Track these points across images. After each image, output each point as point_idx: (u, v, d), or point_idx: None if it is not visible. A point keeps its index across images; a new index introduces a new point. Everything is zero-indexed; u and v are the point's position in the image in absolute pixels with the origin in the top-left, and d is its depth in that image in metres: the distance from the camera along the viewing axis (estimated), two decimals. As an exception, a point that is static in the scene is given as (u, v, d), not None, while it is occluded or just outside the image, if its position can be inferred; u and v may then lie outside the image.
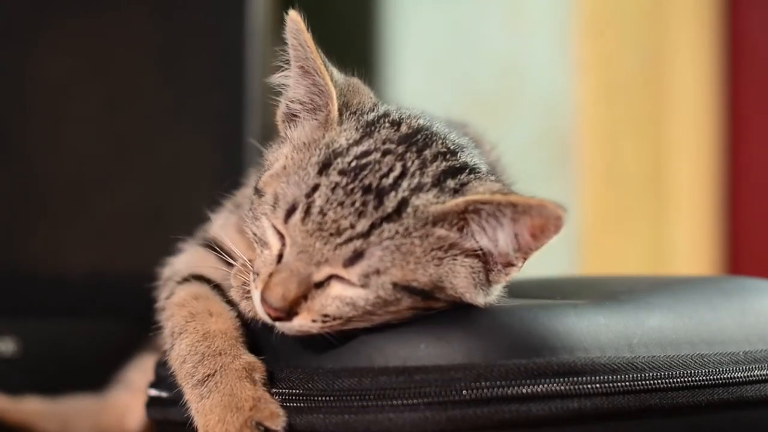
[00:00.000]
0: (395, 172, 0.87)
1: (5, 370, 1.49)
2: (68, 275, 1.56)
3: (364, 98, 0.95)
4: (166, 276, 1.02)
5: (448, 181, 0.88)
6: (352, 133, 0.90)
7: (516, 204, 0.85)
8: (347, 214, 0.84)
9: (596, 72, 2.26)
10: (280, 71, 0.95)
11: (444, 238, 0.86)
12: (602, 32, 2.27)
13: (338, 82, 0.93)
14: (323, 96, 0.92)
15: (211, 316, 0.93)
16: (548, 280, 1.18)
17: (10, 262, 1.56)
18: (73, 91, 1.58)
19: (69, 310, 1.53)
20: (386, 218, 0.85)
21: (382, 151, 0.88)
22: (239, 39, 1.61)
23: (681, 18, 2.37)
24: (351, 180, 0.86)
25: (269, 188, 0.89)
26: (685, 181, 2.38)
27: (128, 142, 1.60)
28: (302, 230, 0.85)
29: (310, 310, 0.85)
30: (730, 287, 1.04)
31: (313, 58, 0.91)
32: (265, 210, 0.89)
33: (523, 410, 0.84)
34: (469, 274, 0.87)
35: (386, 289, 0.85)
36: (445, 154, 0.90)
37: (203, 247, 1.02)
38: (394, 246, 0.85)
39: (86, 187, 1.57)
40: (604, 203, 2.28)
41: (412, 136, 0.91)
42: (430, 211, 0.86)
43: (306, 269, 0.85)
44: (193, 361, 0.90)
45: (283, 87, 0.95)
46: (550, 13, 2.27)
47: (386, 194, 0.85)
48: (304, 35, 0.92)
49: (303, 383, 0.88)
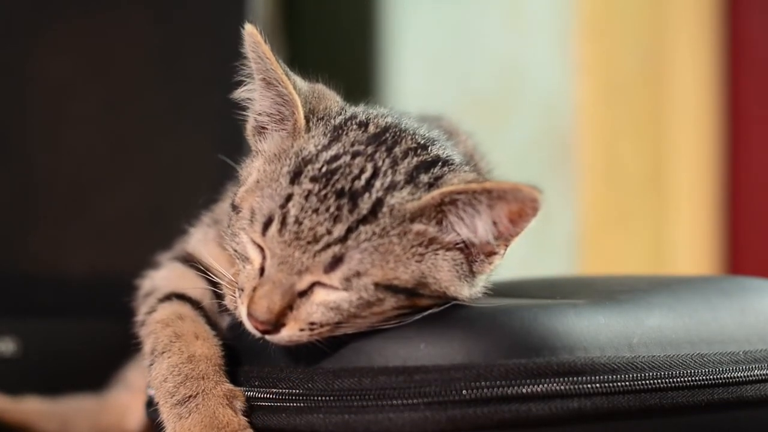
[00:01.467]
0: (367, 173, 0.87)
1: (5, 370, 1.49)
2: (68, 275, 1.57)
3: (330, 103, 0.95)
4: (146, 290, 1.02)
5: (421, 176, 0.88)
6: (321, 139, 0.90)
7: (490, 190, 0.85)
8: (323, 221, 0.84)
9: (596, 72, 2.26)
10: (244, 86, 0.95)
11: (423, 234, 0.86)
12: (602, 32, 2.27)
13: (302, 90, 0.93)
14: (288, 105, 0.92)
15: (197, 339, 0.93)
16: (548, 280, 1.18)
17: (10, 262, 1.56)
18: (73, 91, 1.58)
19: (69, 310, 1.53)
20: (362, 220, 0.85)
21: (351, 154, 0.88)
22: (239, 39, 1.61)
23: (681, 18, 2.37)
24: (323, 186, 0.86)
25: (245, 203, 0.89)
26: (685, 181, 2.38)
27: (128, 142, 1.60)
28: (280, 241, 0.85)
29: (296, 319, 0.86)
30: (730, 287, 1.04)
31: (273, 69, 0.91)
32: (243, 225, 0.89)
33: (523, 410, 0.84)
34: (452, 267, 0.87)
35: (368, 289, 0.85)
36: (415, 150, 0.90)
37: (183, 263, 1.02)
38: (373, 247, 0.85)
39: (86, 187, 1.58)
40: (604, 203, 2.28)
41: (380, 135, 0.91)
42: (406, 208, 0.86)
43: (288, 279, 0.85)
44: (175, 382, 0.90)
45: (249, 101, 0.95)
46: (550, 13, 2.26)
47: (360, 196, 0.85)
48: (263, 47, 0.91)
49: (303, 383, 0.88)
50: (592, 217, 2.26)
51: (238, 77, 0.94)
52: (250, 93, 0.95)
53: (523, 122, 2.26)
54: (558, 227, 2.24)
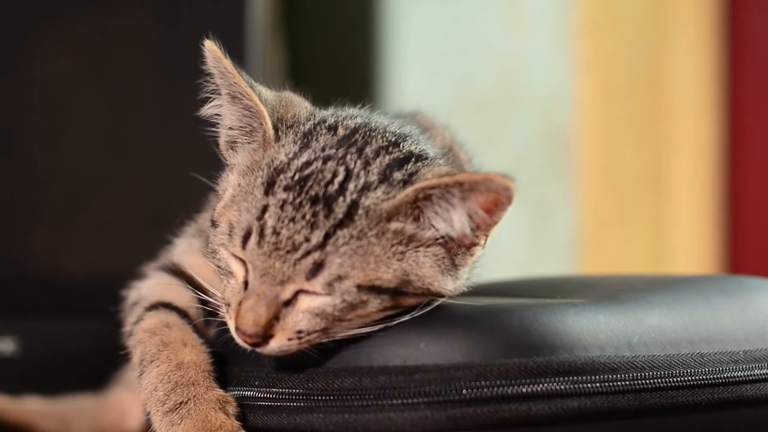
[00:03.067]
0: (339, 176, 0.87)
1: (5, 370, 1.50)
2: (68, 275, 1.57)
3: (298, 109, 0.94)
4: (132, 300, 1.02)
5: (394, 173, 0.88)
6: (291, 147, 0.90)
7: (462, 182, 0.85)
8: (300, 229, 0.84)
9: (596, 72, 2.26)
10: (210, 102, 0.94)
11: (401, 232, 0.86)
12: (602, 31, 2.26)
13: (268, 100, 0.93)
14: (256, 117, 0.92)
15: (185, 346, 0.93)
16: (548, 280, 1.18)
17: (10, 262, 1.56)
18: (74, 91, 1.58)
19: (69, 310, 1.54)
20: (339, 225, 0.85)
21: (323, 159, 0.88)
22: (239, 39, 1.61)
23: (681, 18, 2.37)
24: (298, 194, 0.86)
25: (223, 218, 0.89)
26: (685, 181, 2.38)
27: (128, 142, 1.60)
28: (260, 253, 0.85)
29: (283, 329, 0.86)
30: (730, 286, 1.04)
31: (237, 83, 0.91)
32: (223, 241, 0.89)
33: (523, 409, 0.84)
34: (434, 263, 0.87)
35: (351, 292, 0.85)
36: (387, 148, 0.90)
37: (168, 273, 1.02)
38: (352, 250, 0.85)
39: (86, 187, 1.58)
40: (604, 203, 2.28)
41: (350, 136, 0.91)
42: (382, 208, 0.86)
43: (272, 290, 0.85)
44: (165, 389, 0.90)
45: (217, 117, 0.95)
46: (550, 13, 2.26)
47: (334, 201, 0.85)
48: (224, 62, 0.91)
49: (303, 383, 0.88)
50: (592, 217, 2.26)
51: (204, 94, 0.94)
52: (217, 109, 0.94)
53: (523, 122, 2.26)
54: (558, 227, 2.24)
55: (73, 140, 1.58)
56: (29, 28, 1.57)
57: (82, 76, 1.58)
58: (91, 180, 1.59)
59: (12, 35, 1.57)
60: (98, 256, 1.57)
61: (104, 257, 1.57)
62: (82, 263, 1.57)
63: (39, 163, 1.58)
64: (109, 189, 1.58)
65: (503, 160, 2.29)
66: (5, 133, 1.57)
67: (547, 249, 2.23)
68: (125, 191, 1.59)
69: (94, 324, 1.14)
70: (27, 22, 1.57)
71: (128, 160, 1.59)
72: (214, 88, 0.93)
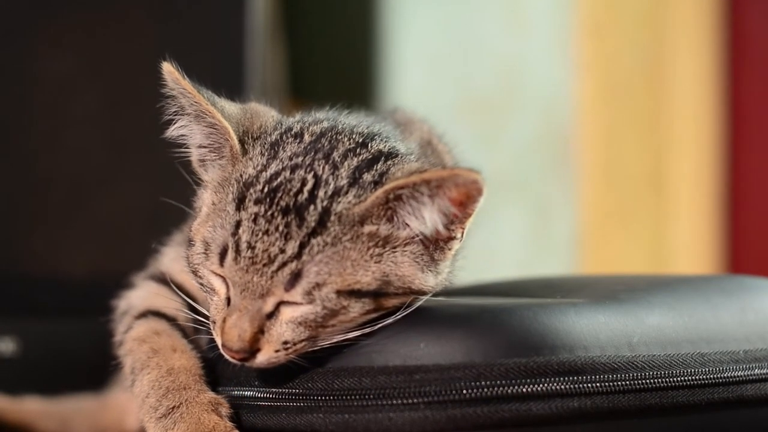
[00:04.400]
0: (308, 185, 0.86)
1: (5, 370, 1.50)
2: (68, 275, 1.57)
3: (265, 120, 0.94)
4: (121, 310, 1.02)
5: (364, 175, 0.87)
6: (259, 159, 0.89)
7: (429, 180, 0.84)
8: (274, 241, 0.84)
9: (596, 71, 2.26)
10: (174, 124, 0.94)
11: (376, 234, 0.86)
12: (602, 31, 2.27)
13: (232, 115, 0.92)
14: (221, 134, 0.91)
15: (174, 352, 0.94)
16: (548, 280, 1.17)
17: (10, 262, 1.56)
18: (73, 91, 1.58)
19: (69, 310, 1.53)
20: (312, 233, 0.84)
21: (290, 168, 0.87)
22: (239, 39, 1.61)
23: (681, 18, 2.37)
24: (268, 206, 0.85)
25: (198, 236, 0.89)
26: (685, 181, 2.38)
27: (128, 142, 1.60)
28: (238, 269, 0.85)
29: (269, 342, 0.86)
30: (730, 286, 1.04)
31: (198, 102, 0.91)
32: (200, 259, 0.89)
33: (523, 409, 0.84)
34: (412, 261, 0.87)
35: (331, 299, 0.85)
36: (354, 150, 0.89)
37: (157, 282, 1.02)
38: (327, 257, 0.84)
39: (86, 187, 1.58)
40: (604, 203, 2.28)
41: (316, 142, 0.90)
42: (354, 212, 0.86)
43: (254, 305, 0.85)
44: (157, 395, 0.90)
45: (184, 137, 0.94)
46: (550, 13, 2.26)
47: (305, 210, 0.85)
48: (182, 83, 0.91)
49: (303, 383, 0.88)
50: (592, 217, 2.26)
51: (167, 116, 0.93)
52: (182, 129, 0.94)
53: (523, 122, 2.26)
54: (558, 227, 2.24)
55: (73, 140, 1.58)
56: (29, 28, 1.57)
57: (82, 76, 1.58)
58: (91, 180, 1.58)
59: (12, 35, 1.57)
60: (98, 256, 1.57)
61: (104, 257, 1.57)
62: (82, 263, 1.57)
63: (39, 163, 1.58)
64: (109, 189, 1.58)
65: (503, 160, 2.30)
66: (5, 133, 1.57)
67: (547, 249, 2.23)
68: (125, 191, 1.59)
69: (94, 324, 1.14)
70: (27, 22, 1.57)
71: (128, 160, 1.59)
72: (176, 109, 0.93)
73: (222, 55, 1.61)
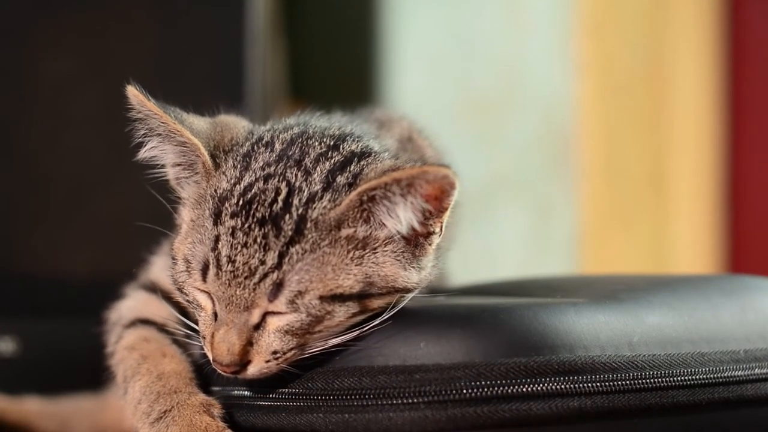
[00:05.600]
0: (282, 194, 0.86)
1: (5, 370, 1.49)
2: (68, 275, 1.56)
3: (236, 132, 0.94)
4: (112, 321, 1.02)
5: (338, 178, 0.87)
6: (232, 172, 0.89)
7: (400, 179, 0.84)
8: (253, 253, 0.84)
9: (596, 72, 2.26)
10: (145, 146, 0.94)
11: (354, 237, 0.86)
12: (602, 32, 2.27)
13: (201, 131, 0.92)
14: (192, 150, 0.91)
15: (164, 357, 0.94)
16: (548, 279, 1.18)
17: (10, 262, 1.56)
18: (73, 91, 1.58)
19: (69, 310, 1.53)
20: (290, 242, 0.84)
21: (263, 178, 0.87)
22: (239, 39, 1.61)
23: (681, 17, 2.37)
24: (245, 219, 0.85)
25: (179, 254, 0.90)
26: (685, 181, 2.38)
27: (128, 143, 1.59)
28: (220, 284, 0.85)
29: (258, 353, 0.86)
30: (731, 285, 1.04)
31: (165, 122, 0.91)
32: (183, 277, 0.89)
33: (523, 409, 0.84)
34: (394, 260, 0.87)
35: (314, 305, 0.85)
36: (326, 153, 0.89)
37: (146, 291, 1.02)
38: (308, 264, 0.84)
39: (86, 187, 1.58)
40: (604, 203, 2.28)
41: (287, 150, 0.90)
42: (330, 217, 0.86)
43: (240, 318, 0.85)
44: (149, 401, 0.90)
45: (156, 158, 0.94)
46: (550, 13, 2.26)
47: (281, 219, 0.85)
48: (148, 105, 0.91)
49: (303, 383, 0.88)
50: (592, 217, 2.26)
51: (138, 139, 0.93)
52: (153, 151, 0.94)
53: (523, 122, 2.26)
54: (558, 227, 2.24)
55: (73, 140, 1.58)
56: (29, 28, 1.57)
57: (82, 76, 1.58)
58: (91, 180, 1.58)
59: (12, 35, 1.57)
60: (98, 256, 1.57)
61: (104, 257, 1.57)
62: (82, 263, 1.57)
63: (39, 163, 1.58)
64: (109, 189, 1.58)
65: (503, 160, 2.30)
66: (5, 133, 1.57)
67: (547, 249, 2.23)
68: (125, 191, 1.58)
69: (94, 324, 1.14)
70: (27, 22, 1.57)
71: (128, 160, 1.59)
72: (145, 131, 0.92)
73: (222, 55, 1.61)
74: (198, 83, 1.58)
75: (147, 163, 0.95)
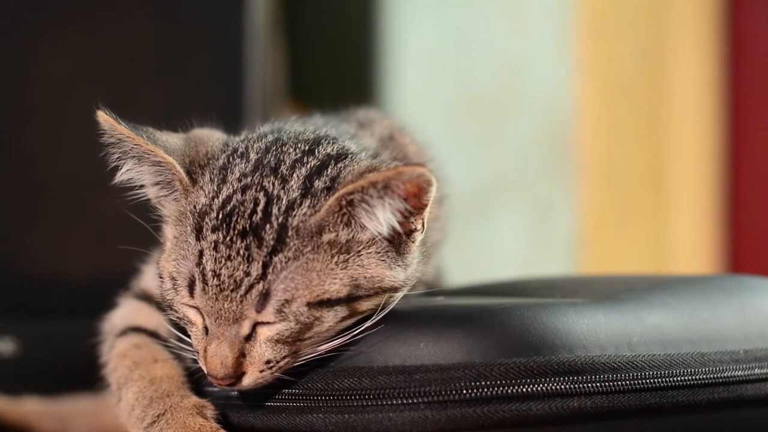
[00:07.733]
0: (260, 203, 0.86)
1: (5, 370, 1.49)
2: (68, 275, 1.56)
3: (210, 145, 0.93)
4: (105, 330, 1.02)
5: (315, 183, 0.87)
6: (210, 187, 0.89)
7: (375, 182, 0.84)
8: (238, 265, 0.84)
9: (596, 71, 2.26)
10: (120, 170, 0.93)
11: (336, 241, 0.86)
12: (602, 32, 2.27)
13: (175, 149, 0.92)
14: (167, 169, 0.91)
15: (156, 362, 0.94)
16: (548, 279, 1.17)
17: (10, 262, 1.56)
18: (73, 91, 1.57)
19: (69, 310, 1.53)
20: (273, 252, 0.84)
21: (240, 190, 0.87)
22: (239, 39, 1.61)
23: (681, 17, 2.37)
24: (226, 232, 0.85)
25: (165, 272, 0.89)
26: (685, 181, 2.38)
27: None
28: (208, 298, 0.85)
29: (252, 363, 0.86)
30: (731, 285, 1.04)
31: (137, 144, 0.90)
32: (171, 294, 0.89)
33: (523, 409, 0.84)
34: (378, 260, 0.87)
35: (302, 312, 0.84)
36: (301, 159, 0.89)
37: (138, 300, 1.02)
38: (292, 272, 0.84)
39: (86, 187, 1.57)
40: (604, 203, 2.28)
41: (262, 159, 0.90)
42: (310, 223, 0.85)
43: (230, 330, 0.85)
44: (142, 406, 0.91)
45: (133, 180, 0.94)
46: (550, 13, 2.27)
47: (262, 229, 0.85)
48: (119, 128, 0.91)
49: (303, 383, 0.88)
50: (592, 217, 2.26)
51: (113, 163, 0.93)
52: (130, 173, 0.93)
53: (523, 122, 2.26)
54: (558, 227, 2.24)
55: (73, 140, 1.58)
56: (29, 28, 1.57)
57: (82, 76, 1.58)
58: (91, 180, 1.58)
59: (12, 35, 1.57)
60: (98, 256, 1.57)
61: (104, 257, 1.56)
62: (82, 263, 1.57)
63: (39, 163, 1.58)
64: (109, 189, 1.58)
65: (503, 160, 2.30)
66: (5, 133, 1.57)
67: (547, 249, 2.23)
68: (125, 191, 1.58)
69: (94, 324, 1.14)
70: (27, 22, 1.57)
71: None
72: (119, 155, 0.92)
73: (222, 55, 1.61)
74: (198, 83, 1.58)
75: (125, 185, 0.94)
